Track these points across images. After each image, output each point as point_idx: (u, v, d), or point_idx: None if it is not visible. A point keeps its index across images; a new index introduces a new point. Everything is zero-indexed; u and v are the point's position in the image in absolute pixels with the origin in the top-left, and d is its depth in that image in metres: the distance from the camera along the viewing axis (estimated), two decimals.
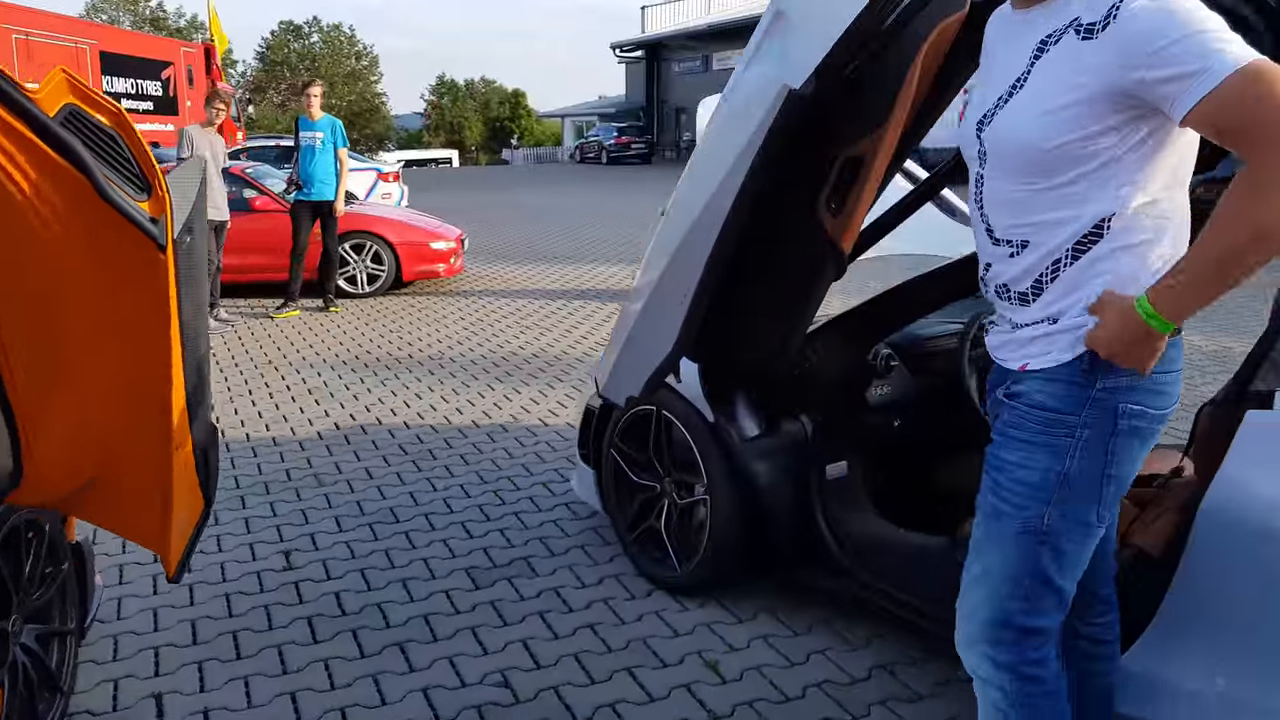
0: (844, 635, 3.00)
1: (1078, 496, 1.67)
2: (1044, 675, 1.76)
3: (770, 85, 2.02)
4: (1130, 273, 1.62)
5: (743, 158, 2.10)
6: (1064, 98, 1.59)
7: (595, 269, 11.31)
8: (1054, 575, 1.72)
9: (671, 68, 41.90)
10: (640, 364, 2.58)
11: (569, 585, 3.39)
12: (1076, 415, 1.66)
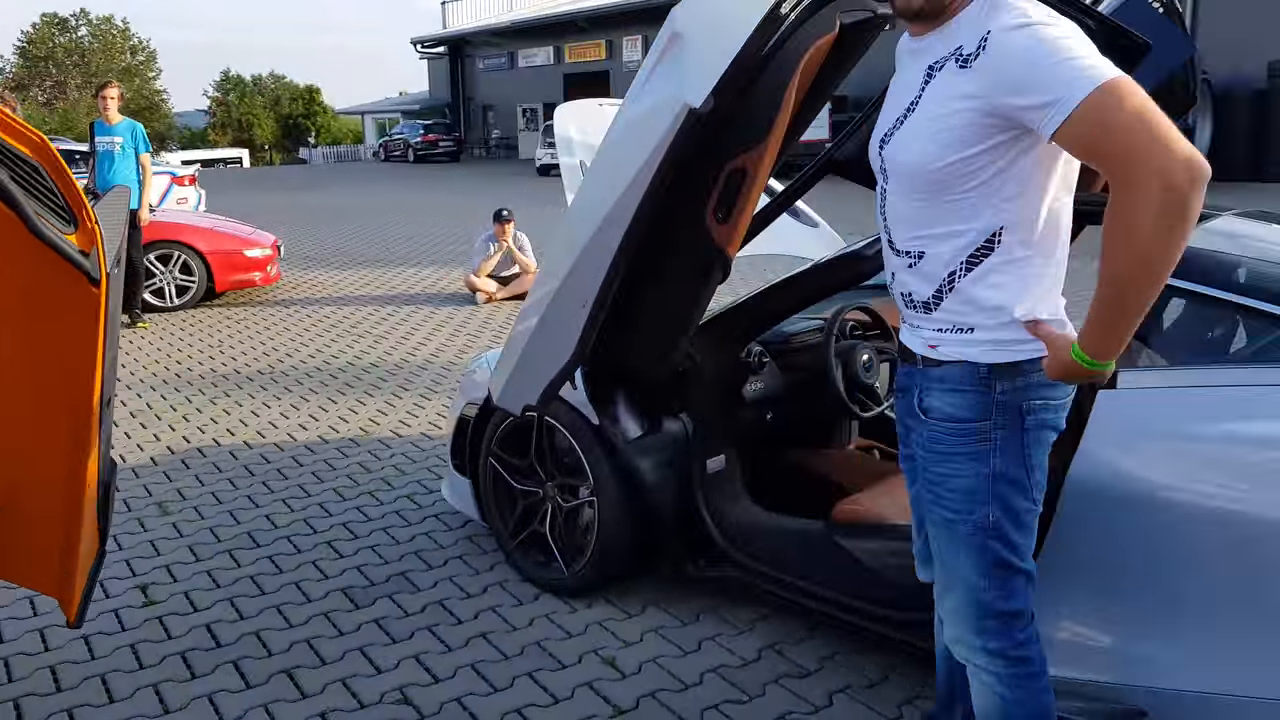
0: (731, 621, 3.14)
1: (1010, 490, 1.82)
2: (1031, 655, 1.91)
3: (670, 104, 2.11)
4: (1022, 283, 1.77)
5: (644, 172, 2.19)
6: (947, 121, 1.74)
7: (419, 271, 11.12)
8: (1014, 560, 1.87)
9: (476, 64, 41.48)
10: (538, 373, 2.62)
11: (454, 597, 3.39)
12: (987, 420, 1.80)
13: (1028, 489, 1.83)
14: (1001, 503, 1.82)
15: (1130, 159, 1.53)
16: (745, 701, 2.73)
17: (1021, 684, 1.89)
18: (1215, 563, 2.07)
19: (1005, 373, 1.79)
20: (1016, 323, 1.77)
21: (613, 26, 33.80)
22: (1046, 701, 1.91)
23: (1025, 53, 1.63)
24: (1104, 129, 1.55)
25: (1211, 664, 2.07)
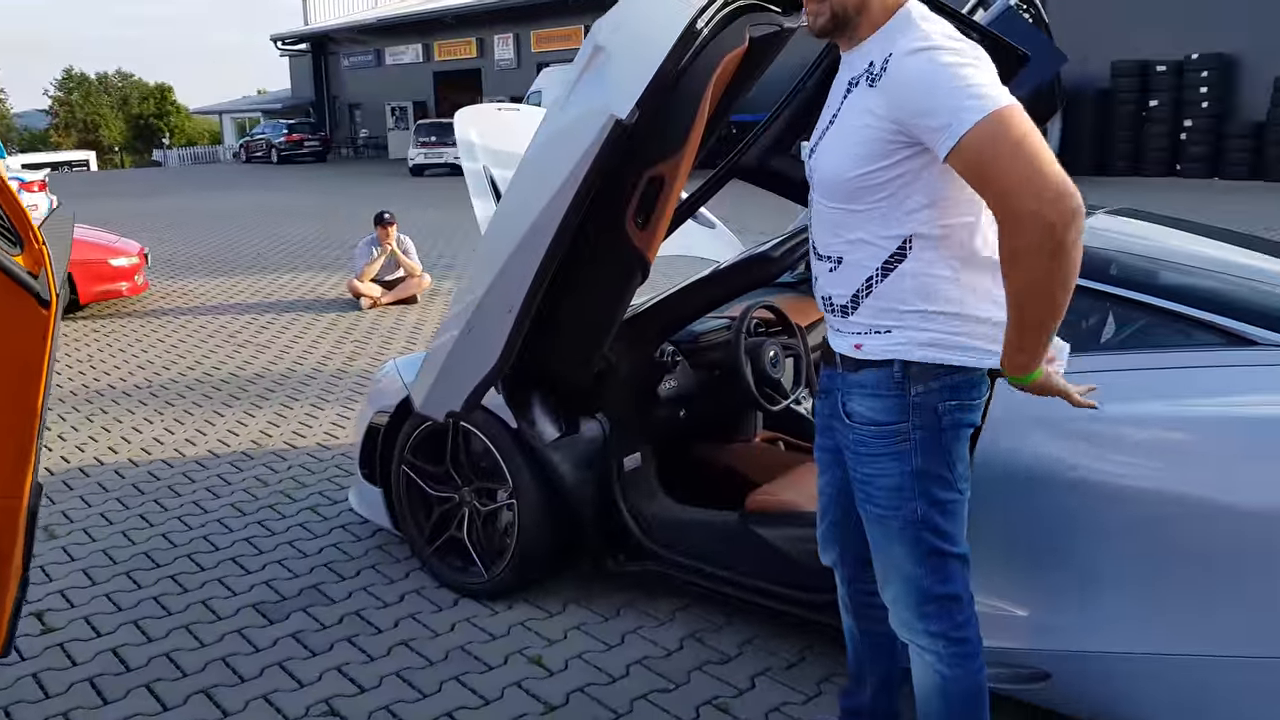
0: (651, 613, 3.23)
1: (933, 484, 1.93)
2: (969, 636, 2.02)
3: (596, 115, 2.17)
4: (934, 287, 1.87)
5: (570, 182, 2.25)
6: (857, 135, 1.85)
7: (296, 276, 10.85)
8: (946, 546, 1.98)
9: (341, 62, 40.47)
10: (462, 379, 2.64)
11: (370, 607, 3.37)
12: (905, 422, 1.91)
13: (951, 481, 1.95)
14: (927, 497, 1.94)
15: (1007, 194, 1.64)
16: (672, 690, 2.82)
17: (960, 663, 2.01)
18: (1104, 533, 2.25)
19: (920, 377, 1.90)
20: (931, 328, 1.88)
21: (483, 24, 33.52)
22: (981, 679, 2.05)
23: (922, 76, 1.73)
24: (988, 158, 1.65)
25: (1105, 626, 2.26)
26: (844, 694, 2.48)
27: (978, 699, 2.04)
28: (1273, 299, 2.49)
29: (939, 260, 1.87)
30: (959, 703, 2.03)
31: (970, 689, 2.03)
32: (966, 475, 1.99)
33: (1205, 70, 18.20)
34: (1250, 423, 2.15)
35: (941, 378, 1.90)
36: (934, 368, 1.90)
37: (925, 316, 1.88)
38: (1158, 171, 18.91)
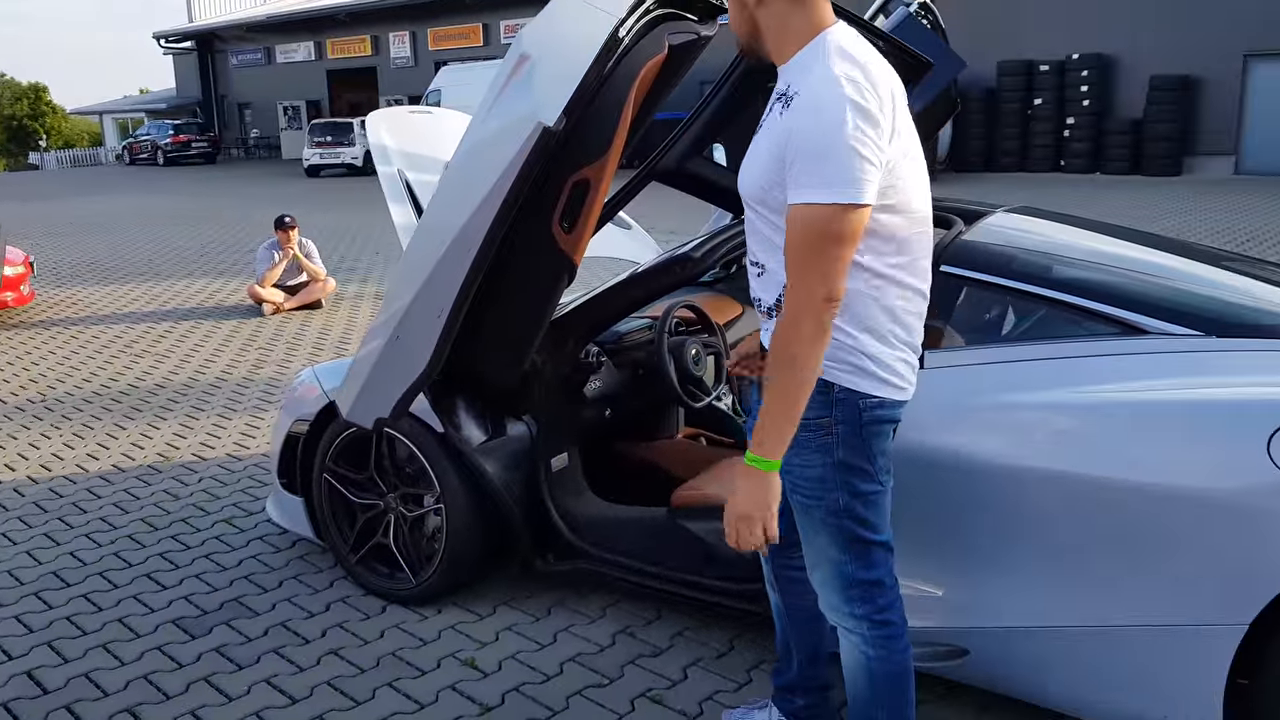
0: (582, 611, 3.27)
1: (855, 476, 2.00)
2: (893, 619, 2.10)
3: (524, 122, 2.21)
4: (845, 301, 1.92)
5: (499, 186, 2.28)
6: (766, 152, 1.92)
7: (191, 283, 10.53)
8: (868, 535, 2.06)
9: (229, 60, 39.29)
10: (391, 385, 2.64)
11: (296, 617, 3.33)
12: (828, 417, 1.97)
13: (872, 474, 2.02)
14: (848, 488, 2.01)
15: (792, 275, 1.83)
16: (606, 685, 2.87)
17: (883, 644, 2.10)
18: (1011, 514, 2.39)
19: (841, 375, 1.98)
20: (841, 348, 1.95)
21: (378, 21, 32.95)
22: (905, 660, 2.14)
23: (811, 133, 1.80)
24: (796, 235, 1.82)
25: (1015, 602, 2.39)
26: (775, 673, 2.57)
27: (902, 679, 2.14)
28: (1161, 290, 2.66)
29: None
30: (884, 682, 2.12)
31: (894, 670, 2.13)
32: (888, 468, 2.07)
33: (1086, 70, 19.04)
34: (1143, 407, 2.30)
35: (860, 377, 1.98)
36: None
37: (836, 327, 1.92)
38: (1043, 167, 19.71)
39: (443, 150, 3.77)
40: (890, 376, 1.99)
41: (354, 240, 13.56)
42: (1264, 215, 12.55)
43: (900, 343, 2.00)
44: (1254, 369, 2.29)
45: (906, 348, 2.02)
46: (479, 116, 2.40)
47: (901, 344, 2.01)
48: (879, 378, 1.98)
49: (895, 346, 1.99)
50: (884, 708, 2.13)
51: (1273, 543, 2.08)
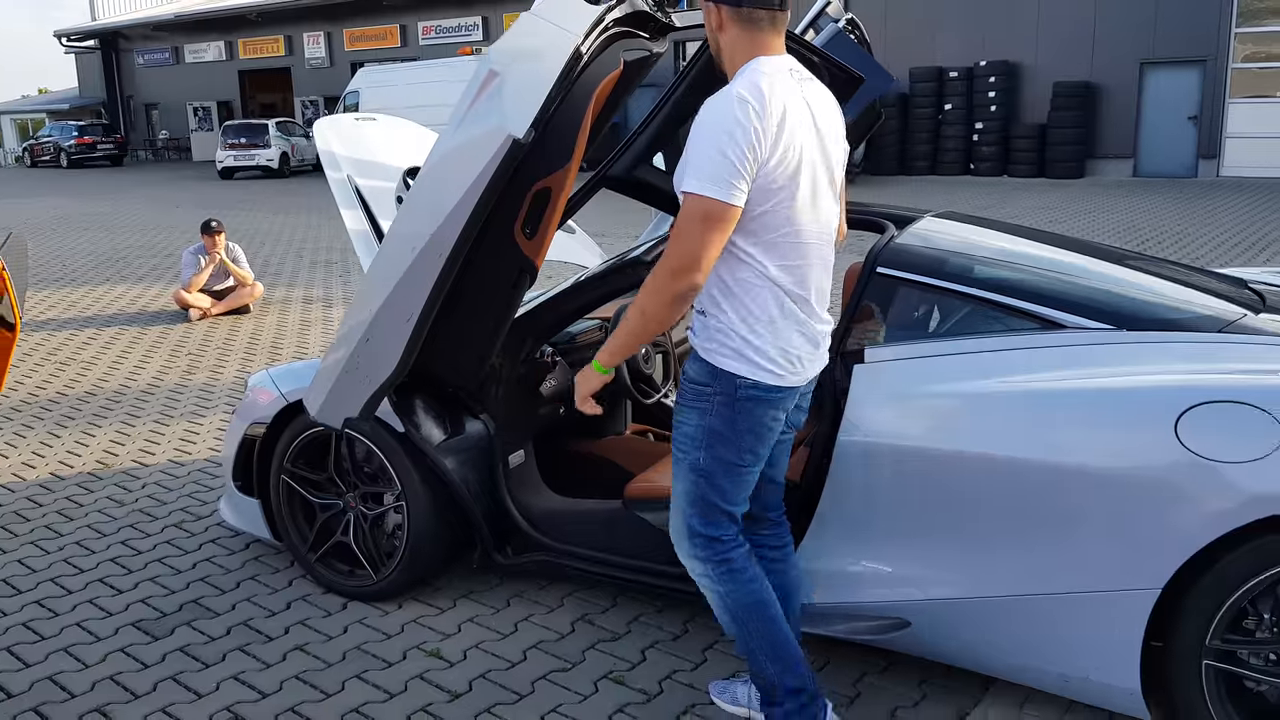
0: (541, 601, 3.40)
1: (721, 444, 2.28)
2: (733, 557, 2.40)
3: (495, 135, 2.34)
4: (729, 303, 2.25)
5: (469, 195, 2.41)
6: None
7: (112, 289, 10.32)
8: (718, 500, 2.35)
9: (135, 59, 38.19)
10: (359, 386, 2.74)
11: (258, 616, 3.40)
12: (711, 386, 2.27)
13: (737, 448, 2.30)
14: (711, 451, 2.29)
15: (668, 250, 2.15)
16: (569, 669, 3.01)
17: (728, 579, 2.37)
18: (945, 494, 2.59)
19: (721, 357, 2.28)
20: (723, 332, 2.26)
21: (291, 21, 32.40)
22: (755, 590, 2.39)
23: (700, 123, 2.14)
24: (679, 216, 2.15)
25: (954, 576, 2.60)
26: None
27: (757, 607, 2.39)
28: (1075, 288, 2.90)
29: (728, 282, 2.25)
30: (742, 612, 2.39)
31: (746, 599, 2.38)
32: (756, 449, 2.32)
33: (993, 77, 19.72)
34: (1062, 394, 2.53)
35: (740, 362, 2.26)
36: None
37: (717, 320, 2.28)
38: (954, 171, 20.36)
39: (390, 156, 3.87)
40: (766, 363, 2.26)
41: (277, 243, 13.41)
42: (1161, 215, 13.22)
43: (782, 334, 2.27)
44: (1161, 358, 2.53)
45: (791, 340, 2.28)
46: (448, 130, 2.52)
47: (784, 336, 2.27)
48: (754, 363, 2.25)
49: (777, 337, 2.26)
50: (753, 635, 2.39)
51: (1180, 514, 2.31)
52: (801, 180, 2.20)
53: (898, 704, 2.79)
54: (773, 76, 2.17)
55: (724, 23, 2.23)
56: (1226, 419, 2.31)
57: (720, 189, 2.08)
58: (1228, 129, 18.38)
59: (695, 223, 2.10)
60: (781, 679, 2.41)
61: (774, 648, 2.40)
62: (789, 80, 2.21)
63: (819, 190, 2.27)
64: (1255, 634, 2.37)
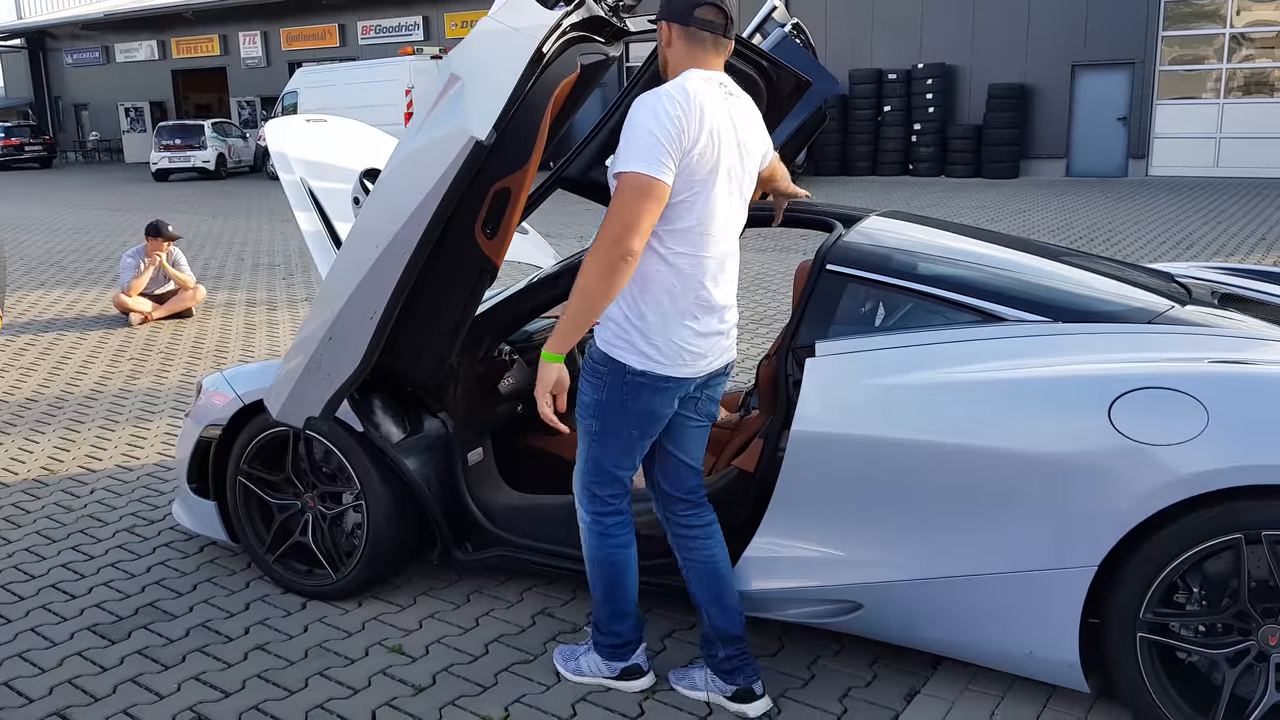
0: (501, 597, 3.45)
1: (609, 418, 2.57)
2: (606, 522, 2.72)
3: (457, 137, 2.39)
4: (628, 299, 2.48)
5: (432, 195, 2.46)
6: None
7: (48, 293, 10.10)
8: (607, 465, 2.65)
9: (63, 59, 37.26)
10: (322, 385, 2.77)
11: (215, 618, 3.40)
12: (605, 368, 2.54)
13: (624, 424, 2.57)
14: (602, 420, 2.59)
15: (603, 224, 2.36)
16: (531, 660, 3.06)
17: (594, 539, 2.73)
18: (893, 480, 2.69)
19: (613, 344, 2.53)
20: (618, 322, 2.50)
21: (226, 20, 31.87)
22: (612, 553, 2.73)
23: (627, 122, 2.39)
24: (614, 197, 2.37)
25: (902, 559, 2.71)
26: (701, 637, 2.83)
27: (606, 566, 2.74)
28: (1014, 283, 3.02)
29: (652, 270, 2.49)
30: (593, 565, 2.77)
31: (600, 556, 2.74)
32: (643, 428, 2.59)
33: (930, 79, 20.11)
34: (1003, 384, 2.64)
35: (630, 351, 2.52)
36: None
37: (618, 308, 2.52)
38: (893, 171, 20.73)
39: (344, 158, 3.89)
40: (655, 354, 2.50)
41: (217, 246, 13.24)
42: (1093, 213, 13.61)
43: (673, 328, 2.50)
44: (1094, 349, 2.66)
45: (681, 334, 2.51)
46: (410, 132, 2.57)
47: (675, 330, 2.50)
48: (644, 354, 2.50)
49: (668, 330, 2.49)
50: (597, 584, 2.77)
51: (1115, 495, 2.44)
52: (718, 179, 2.46)
53: (850, 685, 2.89)
54: (700, 83, 2.43)
55: (672, 39, 2.50)
56: (1156, 405, 2.44)
57: (650, 165, 2.32)
58: (1156, 130, 18.96)
59: (627, 194, 2.32)
60: (609, 624, 2.80)
61: (611, 600, 2.77)
62: (716, 91, 2.46)
63: (732, 195, 2.53)
64: (1185, 607, 2.51)
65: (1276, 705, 2.41)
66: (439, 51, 23.62)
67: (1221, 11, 18.16)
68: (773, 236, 11.81)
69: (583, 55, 2.70)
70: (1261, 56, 18.07)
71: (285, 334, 7.97)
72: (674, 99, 2.36)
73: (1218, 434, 2.37)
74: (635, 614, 2.83)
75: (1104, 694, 2.75)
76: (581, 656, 2.93)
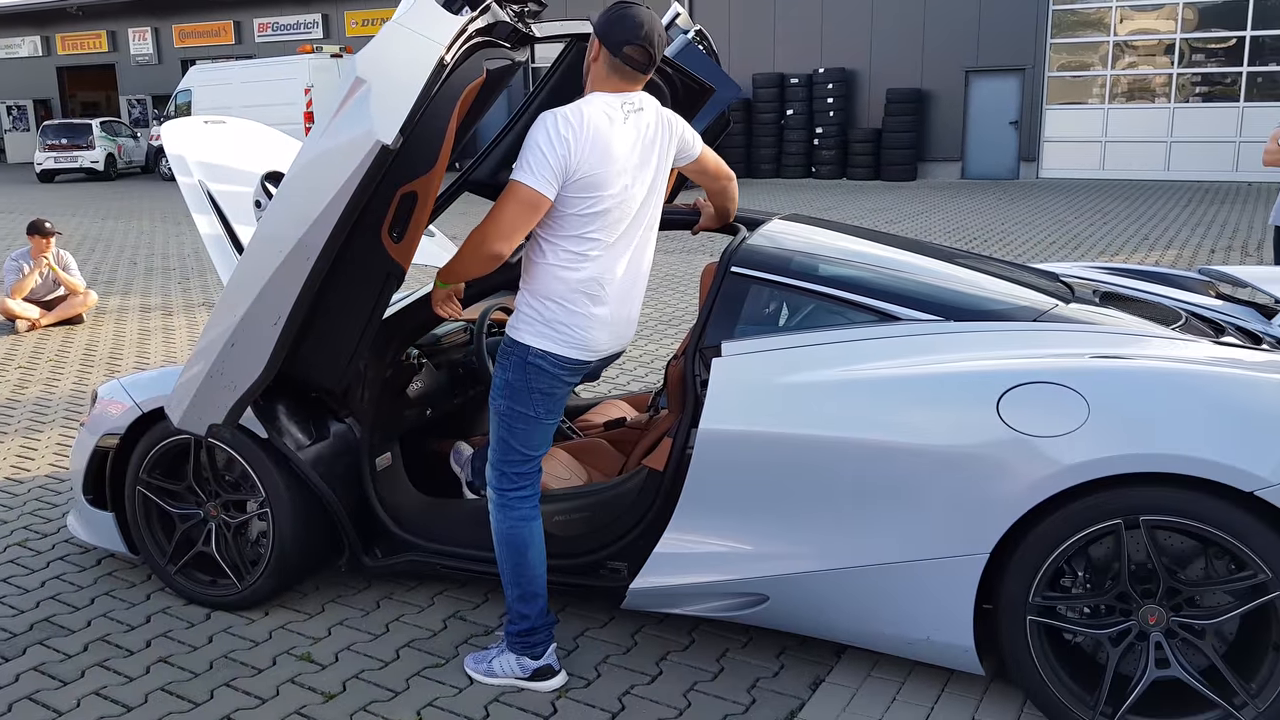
0: (411, 602, 3.44)
1: (515, 398, 2.77)
2: (512, 500, 2.86)
3: (362, 141, 2.38)
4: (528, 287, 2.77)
5: (337, 200, 2.44)
6: None
7: None
8: (515, 444, 2.82)
9: None
10: (225, 392, 2.72)
11: (115, 632, 3.31)
12: (512, 349, 2.76)
13: (529, 403, 2.78)
14: (509, 403, 2.79)
15: (483, 221, 2.64)
16: (443, 664, 3.06)
17: (500, 511, 2.86)
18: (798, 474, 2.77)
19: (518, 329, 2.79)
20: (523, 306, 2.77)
21: (115, 15, 30.72)
22: (518, 529, 2.85)
23: (527, 137, 2.63)
24: (498, 200, 2.66)
25: (810, 551, 2.79)
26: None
27: (512, 541, 2.85)
28: (909, 284, 3.14)
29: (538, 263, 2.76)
30: (500, 540, 2.88)
31: (505, 531, 2.86)
32: (546, 406, 2.80)
33: (831, 83, 20.53)
34: (898, 380, 2.75)
35: (538, 336, 2.75)
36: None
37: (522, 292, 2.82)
38: (796, 174, 21.09)
39: (244, 160, 3.82)
40: (554, 334, 2.72)
41: (108, 249, 12.79)
42: (986, 215, 14.09)
43: (574, 315, 2.72)
44: (984, 346, 2.79)
45: (579, 321, 2.73)
46: (314, 136, 2.55)
47: (574, 316, 2.72)
48: (544, 334, 2.73)
49: (568, 316, 2.71)
50: (505, 562, 2.87)
51: (1004, 485, 2.56)
52: (612, 193, 2.66)
53: (758, 676, 2.97)
54: (599, 108, 2.63)
55: (598, 55, 2.68)
56: (1040, 398, 2.57)
57: (533, 179, 2.56)
58: (1045, 134, 19.69)
59: (508, 202, 2.59)
60: (517, 606, 2.88)
61: (518, 580, 2.86)
62: (617, 112, 2.66)
63: (634, 202, 2.73)
64: (1071, 591, 2.65)
65: (1156, 682, 2.56)
66: (339, 50, 23.20)
67: (1106, 20, 18.96)
68: (680, 239, 11.95)
69: (489, 60, 2.72)
70: (1143, 64, 18.93)
71: (182, 340, 7.76)
72: (568, 122, 2.58)
73: (1098, 425, 2.51)
74: (543, 597, 2.89)
75: (998, 676, 2.88)
76: (494, 659, 2.95)
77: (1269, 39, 17.59)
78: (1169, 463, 2.44)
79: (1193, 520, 2.45)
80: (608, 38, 2.64)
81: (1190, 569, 2.58)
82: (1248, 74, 17.89)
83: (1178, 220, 12.84)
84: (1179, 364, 2.60)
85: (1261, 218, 12.85)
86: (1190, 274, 3.83)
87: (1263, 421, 2.44)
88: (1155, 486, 2.48)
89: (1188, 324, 3.07)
